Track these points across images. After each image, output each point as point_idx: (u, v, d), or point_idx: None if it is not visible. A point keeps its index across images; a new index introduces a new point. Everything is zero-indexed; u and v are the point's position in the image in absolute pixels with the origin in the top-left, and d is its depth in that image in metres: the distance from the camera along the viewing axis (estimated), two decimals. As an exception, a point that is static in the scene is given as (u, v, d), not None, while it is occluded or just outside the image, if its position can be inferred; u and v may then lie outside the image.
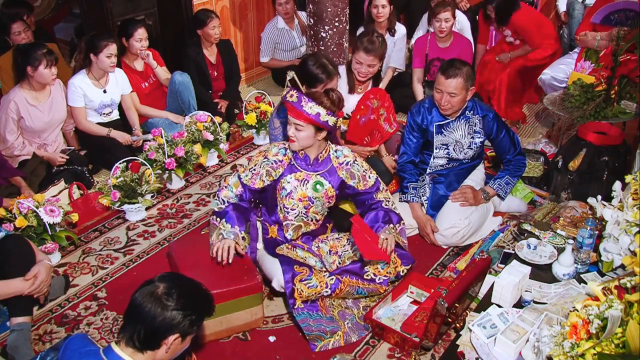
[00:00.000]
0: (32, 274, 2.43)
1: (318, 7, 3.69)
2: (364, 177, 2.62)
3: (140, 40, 3.97)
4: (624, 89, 3.58)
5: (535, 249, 2.63)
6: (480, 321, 2.18)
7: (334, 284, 2.51)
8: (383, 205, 2.65)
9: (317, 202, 2.59)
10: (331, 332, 2.46)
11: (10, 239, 2.55)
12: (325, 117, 2.41)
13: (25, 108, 3.43)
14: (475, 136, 3.08)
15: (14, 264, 2.45)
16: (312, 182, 2.56)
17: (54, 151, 3.61)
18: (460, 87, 2.90)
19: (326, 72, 2.99)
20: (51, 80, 3.45)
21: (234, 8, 4.99)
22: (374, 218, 2.62)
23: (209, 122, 3.84)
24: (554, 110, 3.73)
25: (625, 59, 3.62)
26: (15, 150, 3.47)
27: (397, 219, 2.66)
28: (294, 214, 2.60)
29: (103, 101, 3.78)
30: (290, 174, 2.56)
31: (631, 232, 2.25)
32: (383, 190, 2.69)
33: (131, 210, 3.29)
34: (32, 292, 2.44)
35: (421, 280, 2.66)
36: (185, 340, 1.78)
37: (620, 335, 1.63)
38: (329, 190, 2.58)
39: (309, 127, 2.42)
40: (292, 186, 2.56)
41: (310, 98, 2.40)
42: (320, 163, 2.58)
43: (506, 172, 3.15)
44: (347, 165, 2.60)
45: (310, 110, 2.39)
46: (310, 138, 2.46)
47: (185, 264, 2.54)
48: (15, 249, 2.50)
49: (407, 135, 3.19)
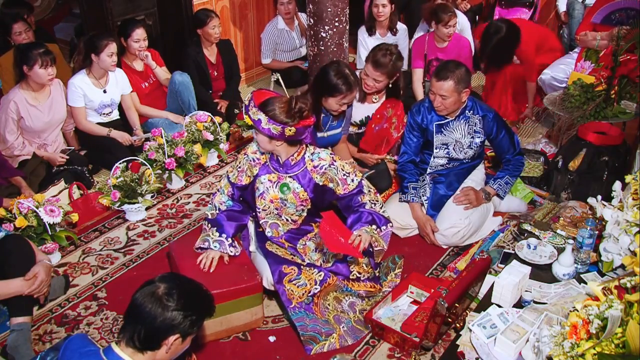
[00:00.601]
0: (32, 274, 2.43)
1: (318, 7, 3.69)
2: (344, 180, 2.56)
3: (138, 40, 3.96)
4: (624, 89, 3.58)
5: (535, 249, 2.63)
6: (480, 321, 2.18)
7: (322, 279, 2.50)
8: (367, 207, 2.58)
9: (290, 204, 2.57)
10: (326, 334, 2.46)
11: (10, 239, 2.55)
12: (266, 125, 2.34)
13: (25, 108, 3.43)
14: (475, 136, 3.08)
15: (14, 264, 2.45)
16: (280, 184, 2.55)
17: (54, 151, 3.61)
18: (451, 90, 2.91)
19: (347, 83, 2.96)
20: (47, 80, 3.45)
21: (234, 8, 4.99)
22: (355, 218, 2.57)
23: (209, 122, 3.84)
24: (554, 110, 3.73)
25: (625, 59, 3.62)
26: (15, 150, 3.47)
27: (384, 222, 2.59)
28: (265, 213, 2.60)
29: (103, 101, 3.78)
30: (265, 175, 2.57)
31: (631, 232, 2.25)
32: (369, 192, 2.63)
33: (131, 210, 3.29)
34: (32, 292, 2.44)
35: (421, 280, 2.66)
36: (185, 341, 1.78)
37: (620, 335, 1.63)
38: (300, 193, 2.55)
39: (260, 133, 2.41)
40: (265, 187, 2.57)
41: (258, 103, 2.36)
42: (293, 165, 2.54)
43: (506, 172, 3.16)
44: (322, 169, 2.54)
45: (253, 116, 2.36)
46: (267, 143, 2.43)
47: (185, 264, 2.54)
48: (15, 249, 2.50)
49: (408, 134, 3.19)
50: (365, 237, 2.45)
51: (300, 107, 2.35)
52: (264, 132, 2.37)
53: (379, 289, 2.65)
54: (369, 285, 2.61)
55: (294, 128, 2.35)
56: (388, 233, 2.63)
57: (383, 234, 2.59)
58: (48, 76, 3.41)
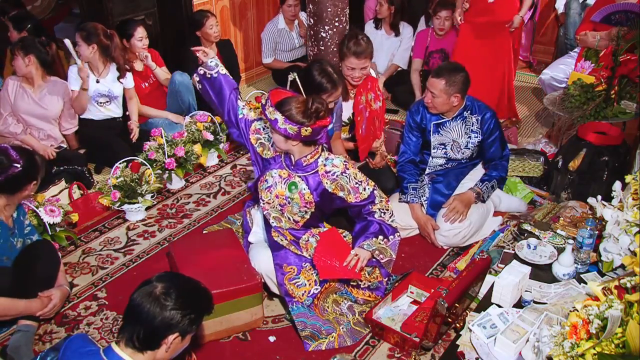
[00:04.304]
0: (47, 295, 2.43)
1: (318, 7, 3.69)
2: (356, 189, 2.53)
3: (141, 39, 3.99)
4: (624, 89, 3.58)
5: (535, 249, 2.63)
6: (480, 321, 2.18)
7: (323, 280, 2.51)
8: (376, 216, 2.56)
9: (294, 203, 2.54)
10: (326, 332, 2.46)
11: (43, 244, 2.56)
12: (283, 125, 2.33)
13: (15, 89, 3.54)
14: (472, 135, 3.09)
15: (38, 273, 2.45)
16: (289, 182, 2.54)
17: None
18: (440, 89, 2.93)
19: (331, 81, 2.94)
20: (23, 72, 3.50)
21: (234, 8, 4.99)
22: (362, 228, 2.57)
23: (209, 122, 3.84)
24: (554, 110, 3.73)
25: (625, 59, 3.62)
26: (10, 127, 3.52)
27: (392, 232, 2.58)
28: (269, 207, 2.57)
29: (98, 90, 3.80)
30: (277, 169, 2.56)
31: (631, 232, 2.25)
32: (381, 202, 2.60)
33: (131, 210, 3.29)
34: (43, 315, 2.44)
35: (421, 280, 2.66)
36: (185, 339, 1.78)
37: (620, 335, 1.63)
38: (306, 195, 2.51)
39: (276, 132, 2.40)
40: (274, 181, 2.54)
41: (275, 103, 2.36)
42: (305, 167, 2.52)
43: (493, 177, 3.12)
44: (334, 176, 2.51)
45: (270, 115, 2.35)
46: (282, 142, 2.42)
47: (185, 264, 2.54)
48: (44, 257, 2.50)
49: (407, 134, 3.20)
50: (363, 255, 2.46)
51: (317, 107, 2.34)
52: (280, 132, 2.36)
53: (376, 298, 2.64)
54: (367, 294, 2.62)
55: (310, 128, 2.34)
56: (396, 242, 2.60)
57: (391, 244, 2.57)
58: (25, 68, 3.47)
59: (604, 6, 4.10)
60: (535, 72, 5.34)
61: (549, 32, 5.53)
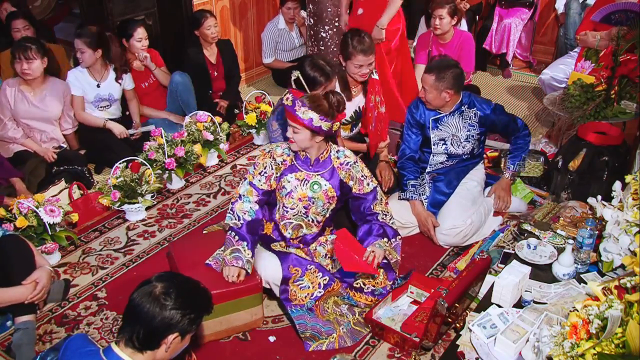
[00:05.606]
0: (31, 280, 2.43)
1: (318, 7, 3.69)
2: (361, 181, 2.60)
3: (141, 39, 3.99)
4: (624, 89, 3.58)
5: (535, 249, 2.63)
6: (480, 321, 2.18)
7: (327, 283, 2.53)
8: (379, 218, 2.62)
9: (318, 202, 2.58)
10: (326, 333, 2.46)
11: (9, 240, 2.53)
12: (318, 122, 2.38)
13: (13, 93, 3.50)
14: (471, 129, 3.10)
15: (16, 268, 2.44)
16: (311, 182, 2.56)
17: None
18: (430, 84, 2.96)
19: (324, 74, 2.95)
20: (22, 74, 3.45)
21: (234, 8, 4.99)
22: (367, 230, 2.61)
23: (209, 122, 3.84)
24: (554, 110, 3.73)
25: (625, 59, 3.62)
26: (9, 131, 3.50)
27: (393, 234, 2.63)
28: (292, 213, 2.60)
29: (99, 94, 3.81)
30: (291, 173, 2.57)
31: (631, 232, 2.25)
32: (381, 202, 2.66)
33: (131, 210, 3.29)
34: (34, 299, 2.43)
35: (421, 280, 2.66)
36: (184, 339, 1.78)
37: (620, 335, 1.63)
38: (329, 190, 2.57)
39: (305, 131, 2.42)
40: (293, 185, 2.56)
41: (305, 102, 2.38)
42: (321, 164, 2.57)
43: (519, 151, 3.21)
44: (347, 166, 2.59)
45: (303, 115, 2.37)
46: (307, 140, 2.46)
47: (185, 264, 2.54)
48: (15, 251, 2.49)
49: (407, 131, 3.21)
50: (379, 252, 2.48)
51: (338, 100, 2.43)
52: (314, 129, 2.39)
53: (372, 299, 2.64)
54: (369, 299, 2.62)
55: (337, 122, 2.43)
56: (398, 245, 2.66)
57: (394, 246, 2.62)
58: (26, 70, 3.42)
59: (604, 6, 4.10)
60: (535, 72, 5.34)
61: (549, 32, 5.53)
